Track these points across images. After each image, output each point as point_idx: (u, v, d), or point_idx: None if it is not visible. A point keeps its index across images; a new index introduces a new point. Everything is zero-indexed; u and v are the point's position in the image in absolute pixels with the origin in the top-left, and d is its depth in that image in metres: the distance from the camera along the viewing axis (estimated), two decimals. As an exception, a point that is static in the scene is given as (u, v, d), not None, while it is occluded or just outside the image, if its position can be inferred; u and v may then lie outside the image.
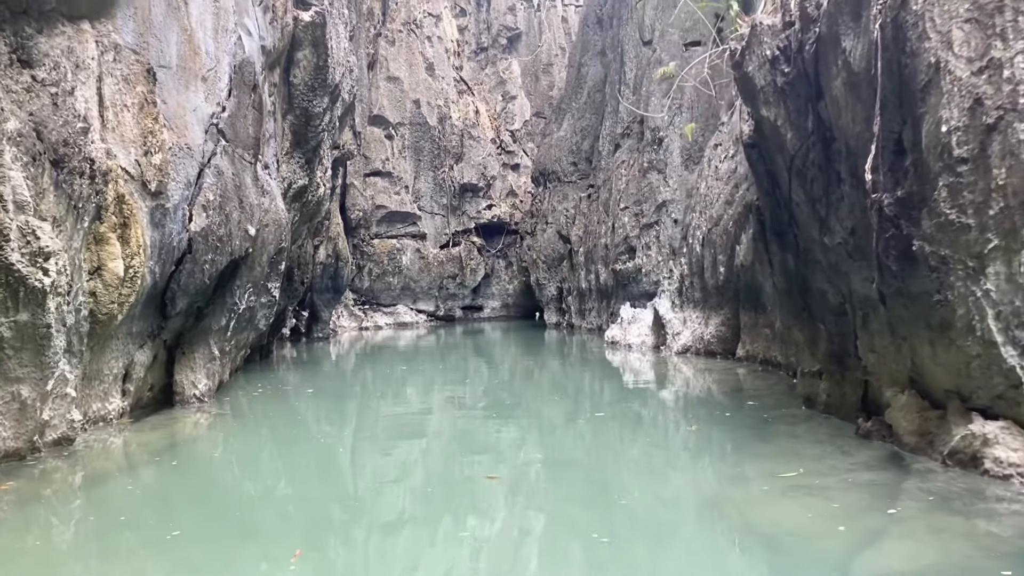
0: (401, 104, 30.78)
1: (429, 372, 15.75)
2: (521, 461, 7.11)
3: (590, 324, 22.68)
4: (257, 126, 11.22)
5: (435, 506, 5.89)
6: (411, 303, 31.02)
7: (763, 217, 9.78)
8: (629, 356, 15.72)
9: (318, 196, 15.25)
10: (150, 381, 9.83)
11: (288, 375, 14.57)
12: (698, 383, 11.49)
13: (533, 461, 7.05)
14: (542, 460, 7.08)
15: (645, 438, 8.18)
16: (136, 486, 6.40)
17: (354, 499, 6.22)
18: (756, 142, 8.85)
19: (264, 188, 11.36)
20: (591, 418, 9.22)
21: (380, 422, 9.92)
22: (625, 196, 20.42)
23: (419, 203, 31.09)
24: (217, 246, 9.81)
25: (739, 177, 13.56)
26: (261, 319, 12.03)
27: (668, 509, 5.68)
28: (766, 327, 12.13)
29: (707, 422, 8.41)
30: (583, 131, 26.50)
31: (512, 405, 10.79)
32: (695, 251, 14.79)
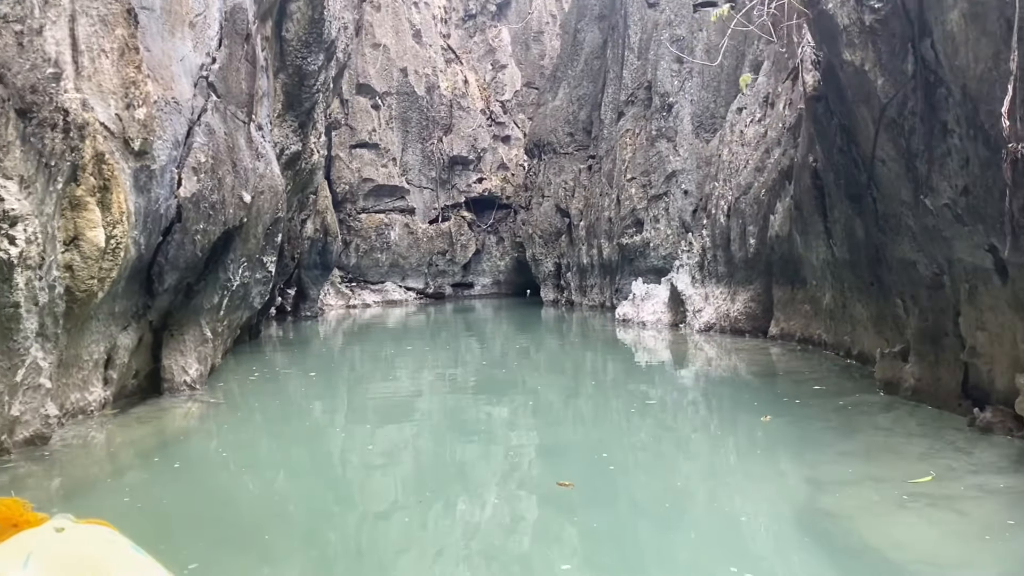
0: (388, 72, 29.45)
1: (425, 352, 14.72)
2: (588, 464, 6.10)
3: (592, 301, 21.71)
4: (251, 81, 10.05)
5: (507, 533, 4.87)
6: (400, 280, 29.87)
7: (821, 181, 8.81)
8: (644, 335, 14.77)
9: (311, 164, 14.09)
10: (135, 367, 8.72)
11: (281, 357, 13.49)
12: (738, 364, 10.54)
13: (598, 463, 6.05)
14: (607, 461, 6.07)
15: (711, 432, 7.20)
16: (128, 496, 5.34)
17: (380, 515, 5.21)
18: (823, 94, 7.84)
19: (259, 151, 10.21)
20: (642, 408, 8.21)
21: (390, 411, 8.89)
22: (631, 166, 19.41)
23: (407, 176, 29.86)
24: (209, 214, 8.69)
25: (770, 141, 12.58)
26: (256, 297, 10.92)
27: (759, 525, 4.69)
28: (805, 303, 11.21)
29: (772, 411, 7.46)
30: (580, 100, 25.39)
31: (547, 396, 9.70)
32: (719, 222, 13.82)
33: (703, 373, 10.32)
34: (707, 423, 7.52)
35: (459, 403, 9.11)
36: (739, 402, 8.05)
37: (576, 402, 8.98)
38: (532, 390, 9.85)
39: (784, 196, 11.57)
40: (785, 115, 12.40)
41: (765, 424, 6.87)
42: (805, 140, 9.97)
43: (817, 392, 8.11)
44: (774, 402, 7.82)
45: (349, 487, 5.91)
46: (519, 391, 9.73)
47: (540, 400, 9.04)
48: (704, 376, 10.01)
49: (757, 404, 7.72)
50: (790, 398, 7.93)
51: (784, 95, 12.60)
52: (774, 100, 13.04)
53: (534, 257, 25.31)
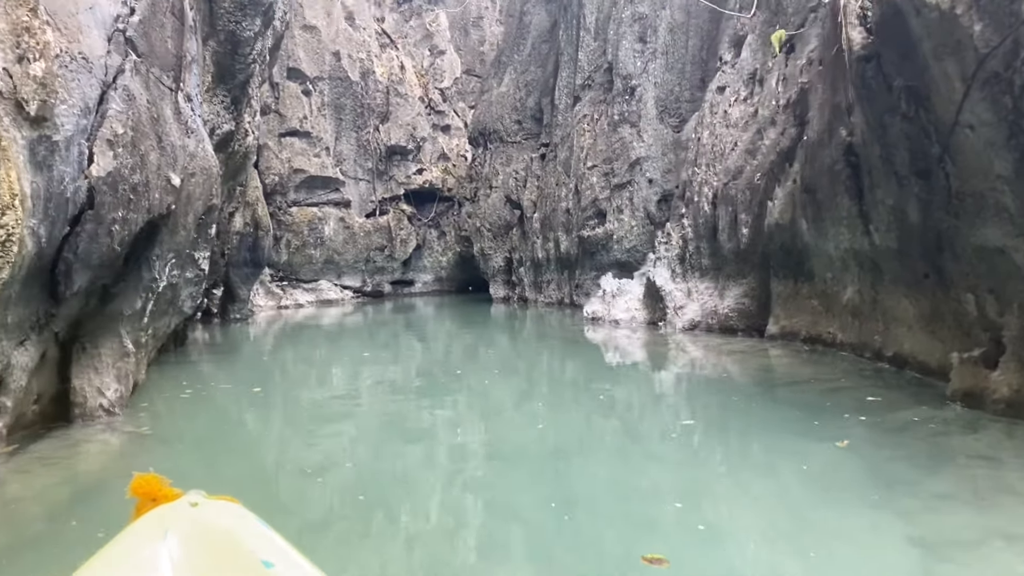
0: (319, 56, 27.55)
1: (383, 357, 13.20)
2: (651, 512, 4.74)
3: (548, 298, 20.42)
4: (178, 40, 8.36)
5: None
6: (335, 278, 28.03)
7: (857, 158, 7.65)
8: (617, 335, 13.53)
9: (245, 147, 12.38)
10: (36, 390, 6.98)
11: (213, 368, 11.74)
12: (743, 369, 9.32)
13: (666, 514, 4.68)
14: (682, 512, 4.69)
15: (752, 461, 5.82)
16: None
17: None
18: (874, 53, 6.65)
19: (189, 126, 8.52)
20: (680, 432, 6.76)
21: (350, 435, 7.37)
22: (592, 154, 18.16)
23: (342, 167, 28.02)
24: (130, 199, 7.00)
25: (762, 121, 11.46)
26: (186, 300, 9.22)
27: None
28: (812, 298, 10.10)
29: (818, 431, 6.21)
30: (528, 86, 24.07)
31: (550, 408, 8.28)
32: (702, 210, 12.66)
33: (706, 379, 9.08)
34: (738, 449, 6.10)
35: (499, 422, 7.65)
36: (770, 419, 6.73)
37: (571, 428, 7.63)
38: (593, 421, 8.44)
39: (785, 180, 10.45)
40: (778, 92, 11.30)
41: (813, 451, 5.61)
42: (822, 115, 8.83)
43: (870, 406, 6.89)
44: (817, 416, 6.60)
45: (312, 535, 4.42)
46: (569, 420, 8.32)
47: (608, 431, 7.63)
48: (712, 383, 8.76)
49: (797, 421, 6.49)
50: (834, 413, 6.71)
51: (776, 70, 11.50)
52: (763, 76, 11.93)
53: (482, 252, 23.88)
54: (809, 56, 10.30)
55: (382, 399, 9.13)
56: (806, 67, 10.30)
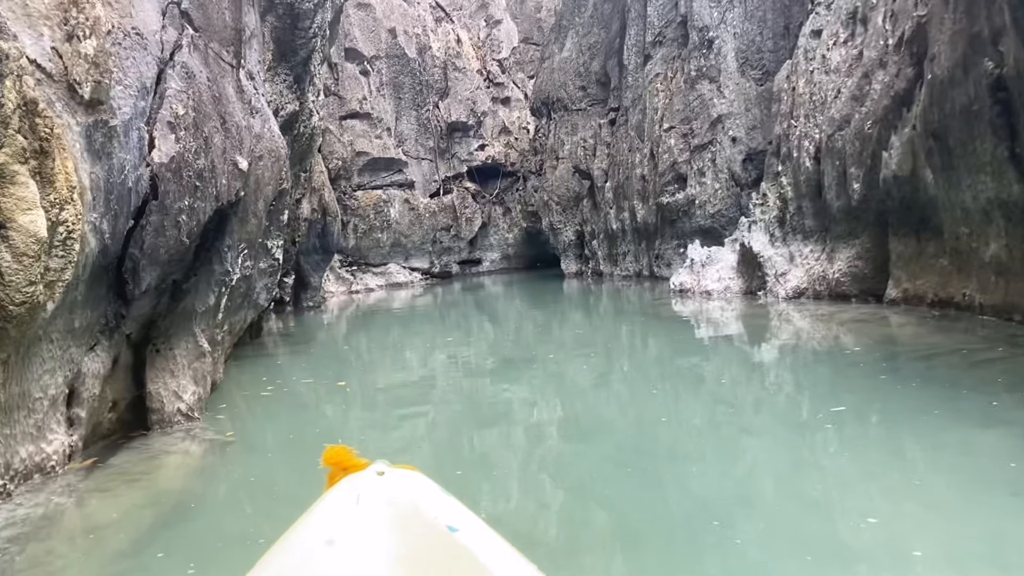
0: (375, 35, 26.95)
1: (465, 339, 12.60)
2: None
3: (625, 271, 19.53)
4: (235, 12, 7.74)
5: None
6: (403, 261, 27.60)
7: (1008, 92, 6.60)
8: (712, 307, 12.63)
9: (311, 127, 11.82)
10: (111, 397, 6.50)
11: (292, 360, 11.27)
12: (873, 341, 8.29)
13: (861, 534, 3.84)
14: (878, 530, 3.85)
15: (962, 466, 4.50)
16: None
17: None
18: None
19: (253, 105, 7.93)
20: (832, 421, 5.59)
21: (466, 437, 6.72)
22: (668, 114, 17.14)
23: (403, 147, 27.47)
24: (196, 186, 6.42)
25: (869, 64, 10.35)
26: (261, 292, 8.70)
27: None
28: (941, 257, 9.05)
29: (1019, 413, 5.27)
30: (592, 49, 23.07)
31: (666, 399, 7.49)
32: (804, 167, 11.61)
33: (829, 355, 8.09)
34: (916, 445, 5.06)
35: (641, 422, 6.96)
36: (934, 403, 5.64)
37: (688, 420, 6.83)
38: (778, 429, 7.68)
39: (902, 127, 9.38)
40: (887, 30, 10.18)
41: (1008, 446, 4.67)
42: (953, 48, 7.76)
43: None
44: (994, 397, 5.66)
45: None
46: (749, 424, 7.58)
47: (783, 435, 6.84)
48: (837, 359, 7.78)
49: (969, 406, 5.54)
50: (1011, 392, 5.76)
51: (883, 6, 10.37)
52: (866, 15, 10.79)
53: (552, 226, 23.07)
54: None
55: (473, 391, 8.51)
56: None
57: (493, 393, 8.27)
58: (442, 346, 12.38)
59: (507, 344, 12.36)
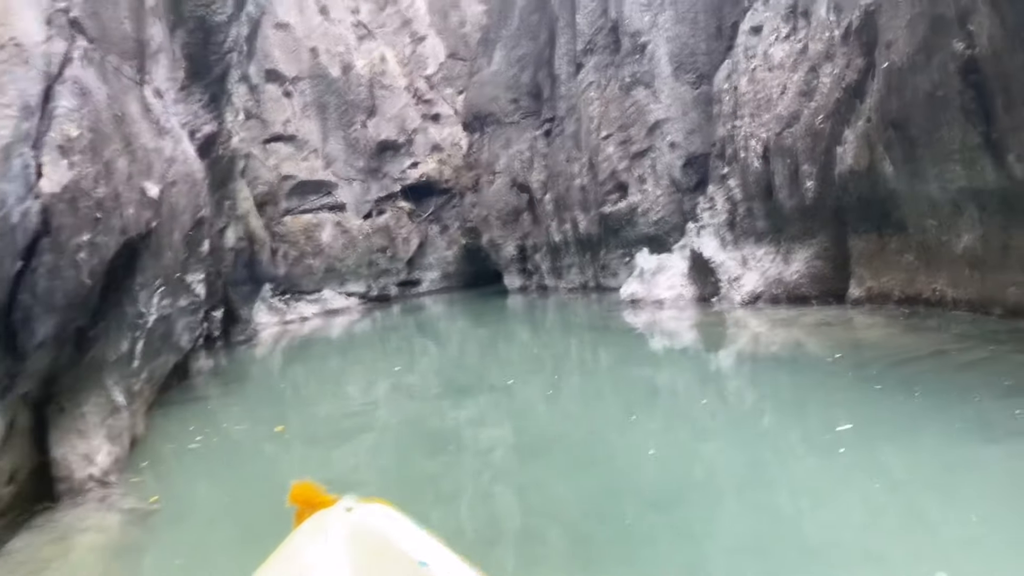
0: (296, 55, 26.04)
1: (408, 364, 11.86)
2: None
3: (570, 283, 19.00)
4: (137, 22, 6.92)
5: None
6: (338, 286, 26.57)
7: (981, 75, 6.22)
8: (665, 317, 12.15)
9: (231, 149, 10.97)
10: (7, 468, 5.58)
11: (224, 403, 10.35)
12: (845, 347, 7.83)
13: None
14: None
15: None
16: None
17: None
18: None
19: (163, 125, 7.09)
20: (844, 444, 4.98)
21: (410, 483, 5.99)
22: (605, 122, 16.72)
23: (332, 169, 26.55)
24: (97, 218, 5.57)
25: (815, 57, 10.03)
26: (183, 333, 7.82)
27: None
28: (906, 252, 8.71)
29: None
30: (521, 61, 22.62)
31: (652, 427, 6.85)
32: (752, 167, 11.23)
33: (805, 365, 7.63)
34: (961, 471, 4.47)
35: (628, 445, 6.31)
36: (941, 417, 5.15)
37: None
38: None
39: (856, 120, 9.05)
40: (831, 21, 9.88)
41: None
42: (913, 33, 7.41)
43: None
44: (997, 406, 5.20)
45: None
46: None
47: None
48: (813, 369, 7.31)
49: (975, 419, 5.05)
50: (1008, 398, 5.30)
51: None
52: (808, 8, 10.50)
53: (492, 242, 22.46)
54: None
55: (418, 418, 7.84)
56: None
57: (439, 419, 7.81)
58: (384, 373, 11.76)
59: (452, 367, 11.77)
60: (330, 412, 9.28)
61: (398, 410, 8.80)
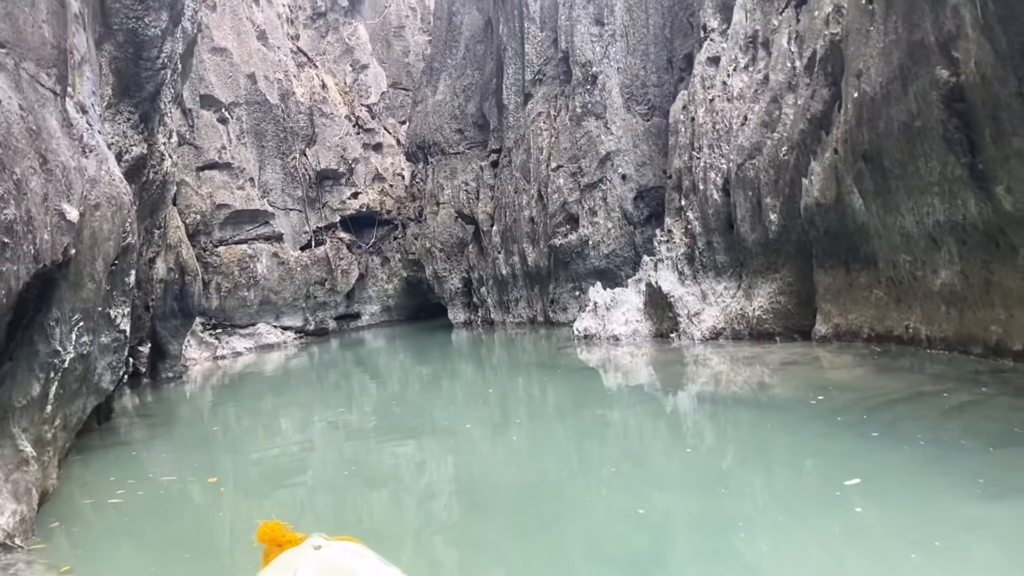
0: (233, 80, 25.21)
1: (347, 403, 11.14)
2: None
3: (518, 317, 18.50)
4: (59, 28, 6.22)
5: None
6: (274, 320, 25.59)
7: (967, 103, 5.97)
8: (621, 354, 11.72)
9: (163, 173, 10.19)
10: None
11: (149, 448, 9.48)
12: (816, 387, 7.48)
13: None
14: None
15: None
16: None
17: None
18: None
19: (86, 142, 6.38)
20: (860, 503, 4.46)
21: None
22: (555, 153, 16.39)
23: (269, 198, 25.68)
24: (4, 243, 4.84)
25: (777, 87, 9.83)
26: (105, 373, 7.02)
27: None
28: (876, 288, 8.44)
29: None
30: (466, 91, 22.29)
31: (642, 489, 6.33)
32: (711, 199, 10.95)
33: (778, 407, 7.20)
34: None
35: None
36: (952, 472, 4.73)
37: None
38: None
39: (822, 151, 8.81)
40: (792, 52, 9.70)
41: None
42: (887, 62, 7.18)
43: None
44: (996, 458, 4.83)
45: None
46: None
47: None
48: (786, 412, 6.89)
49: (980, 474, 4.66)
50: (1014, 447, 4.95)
51: (785, 28, 9.90)
52: (768, 38, 10.32)
53: (436, 274, 21.85)
54: (835, 2, 8.70)
55: (356, 458, 7.25)
56: (834, 16, 8.69)
57: (379, 462, 7.43)
58: (321, 412, 11.20)
59: (393, 406, 11.20)
60: (264, 456, 8.58)
61: (335, 452, 8.28)
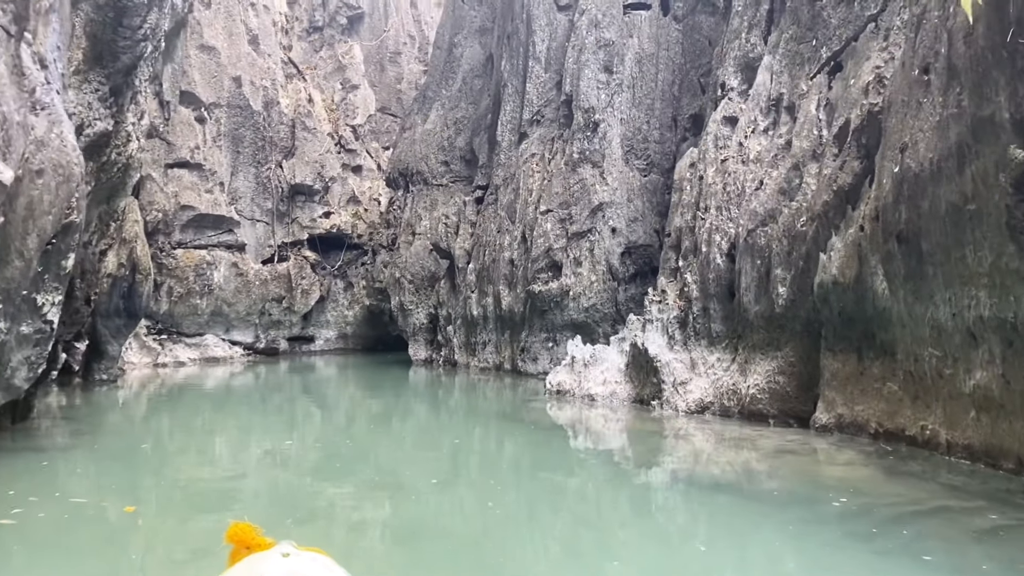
0: (217, 80, 24.30)
1: (287, 431, 10.12)
2: None
3: (484, 362, 17.59)
4: (26, -40, 5.34)
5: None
6: (223, 332, 24.33)
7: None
8: (595, 415, 10.88)
9: (127, 155, 9.22)
10: None
11: (64, 460, 8.32)
12: (826, 486, 6.71)
13: None
14: None
15: None
16: None
17: None
18: None
19: (39, 98, 5.46)
20: None
21: None
22: (546, 196, 15.70)
23: (237, 206, 24.61)
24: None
25: (800, 155, 9.24)
26: (20, 367, 5.97)
27: None
28: (889, 380, 7.75)
29: None
30: (458, 123, 21.64)
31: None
32: (714, 263, 10.27)
33: (777, 503, 6.43)
34: None
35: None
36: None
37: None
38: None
39: (846, 226, 8.19)
40: (820, 120, 9.15)
41: None
42: (942, 137, 6.59)
43: None
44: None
45: None
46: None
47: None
48: (789, 511, 6.12)
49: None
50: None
51: (815, 92, 9.36)
52: (794, 102, 9.78)
53: (402, 306, 20.89)
54: (876, 72, 8.17)
55: (290, 492, 6.28)
56: (874, 85, 8.15)
57: (313, 497, 6.87)
58: (259, 437, 10.45)
59: (336, 440, 10.39)
60: (192, 479, 7.59)
61: (269, 484, 7.53)
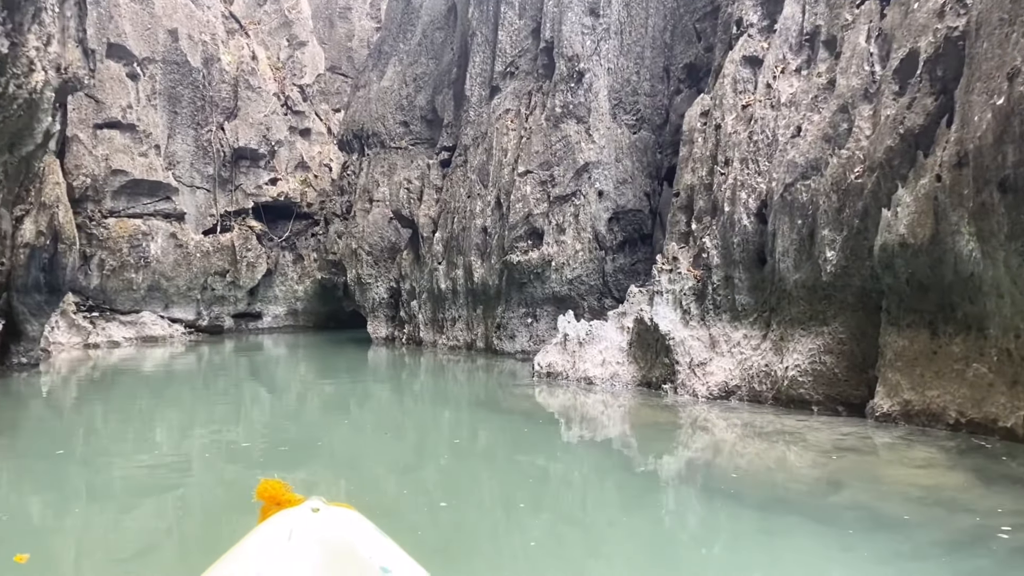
0: (151, 33, 22.06)
1: (233, 418, 8.50)
2: None
3: (453, 340, 16.02)
4: None
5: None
6: (162, 309, 22.31)
7: None
8: (593, 402, 9.45)
9: (31, 88, 7.40)
10: None
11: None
12: (931, 504, 5.37)
13: None
14: None
15: None
16: None
17: None
18: None
19: None
20: None
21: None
22: (524, 156, 14.12)
23: (175, 171, 22.51)
24: None
25: (849, 94, 7.84)
26: None
27: None
28: (976, 360, 6.43)
29: None
30: (417, 80, 19.86)
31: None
32: (739, 225, 8.86)
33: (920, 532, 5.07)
34: None
35: None
36: None
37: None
38: None
39: (918, 176, 6.83)
40: (872, 53, 7.76)
41: None
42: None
43: None
44: None
45: None
46: None
47: None
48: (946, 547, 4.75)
49: None
50: None
51: (864, 21, 7.95)
52: (833, 35, 8.37)
53: (359, 280, 19.15)
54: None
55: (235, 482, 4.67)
56: (952, 5, 6.78)
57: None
58: (204, 423, 9.27)
59: (286, 425, 8.99)
60: (125, 489, 6.00)
61: (212, 475, 6.62)
